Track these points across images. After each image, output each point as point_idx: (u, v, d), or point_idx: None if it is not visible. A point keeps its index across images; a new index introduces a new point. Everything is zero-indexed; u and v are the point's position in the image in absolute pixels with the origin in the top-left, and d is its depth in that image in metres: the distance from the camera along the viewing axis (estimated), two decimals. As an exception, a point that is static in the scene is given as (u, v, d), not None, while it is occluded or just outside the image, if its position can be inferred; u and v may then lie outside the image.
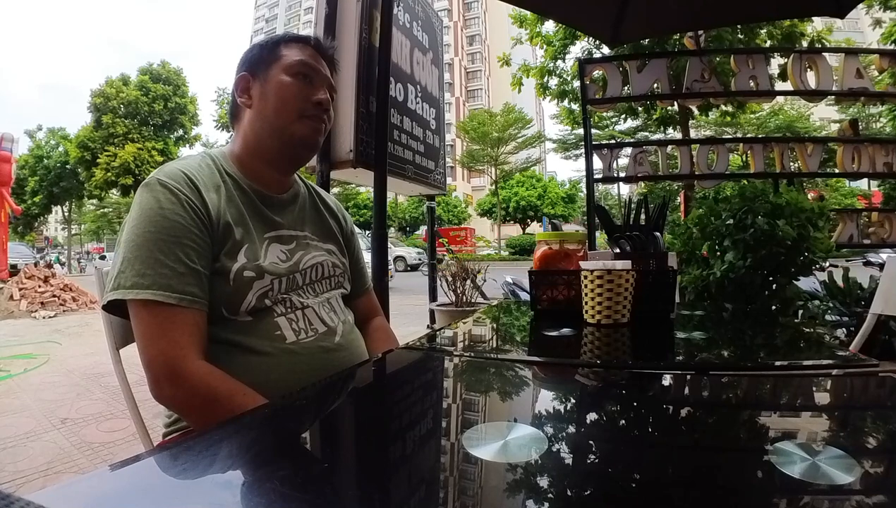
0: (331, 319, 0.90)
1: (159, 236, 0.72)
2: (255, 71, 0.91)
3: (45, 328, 6.16)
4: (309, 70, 0.91)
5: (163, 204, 0.75)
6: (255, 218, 0.87)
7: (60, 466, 2.12)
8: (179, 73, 25.26)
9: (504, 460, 0.38)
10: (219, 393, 0.69)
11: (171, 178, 0.78)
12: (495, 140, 30.57)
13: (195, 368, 0.70)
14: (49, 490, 0.35)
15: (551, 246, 1.16)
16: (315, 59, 0.92)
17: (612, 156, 3.97)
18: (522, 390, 0.65)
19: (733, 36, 6.00)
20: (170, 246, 0.72)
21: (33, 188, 26.87)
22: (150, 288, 0.70)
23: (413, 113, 3.24)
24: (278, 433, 0.50)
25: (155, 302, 0.70)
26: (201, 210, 0.78)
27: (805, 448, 0.38)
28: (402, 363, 0.80)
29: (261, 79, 0.90)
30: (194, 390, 0.69)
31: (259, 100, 0.89)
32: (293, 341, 0.82)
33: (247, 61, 0.92)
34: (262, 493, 0.35)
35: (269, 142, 0.89)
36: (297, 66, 0.90)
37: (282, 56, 0.90)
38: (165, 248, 0.72)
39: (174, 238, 0.73)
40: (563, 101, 7.89)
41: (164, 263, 0.71)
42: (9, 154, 9.34)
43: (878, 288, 1.52)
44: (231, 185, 0.86)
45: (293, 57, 0.90)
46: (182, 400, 0.71)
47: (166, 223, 0.73)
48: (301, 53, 0.91)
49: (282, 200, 0.94)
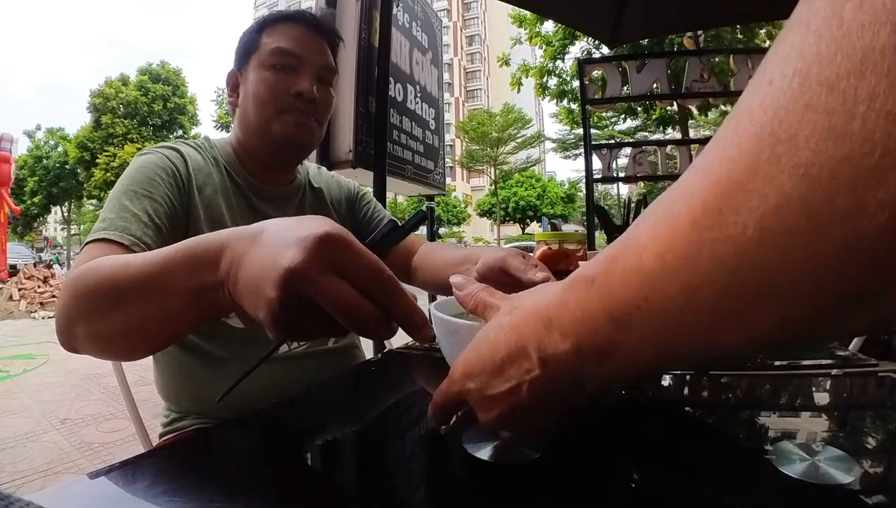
0: None
1: (131, 187, 0.69)
2: (241, 65, 0.85)
3: (45, 328, 6.16)
4: (288, 58, 0.81)
5: (144, 164, 0.73)
6: (245, 210, 0.84)
7: (60, 466, 2.12)
8: (179, 73, 25.27)
9: (504, 460, 0.38)
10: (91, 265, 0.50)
11: (161, 147, 0.77)
12: (495, 140, 30.60)
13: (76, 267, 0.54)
14: (48, 490, 0.35)
15: (551, 246, 1.16)
16: (301, 41, 0.82)
17: (611, 156, 3.97)
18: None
19: (732, 36, 6.01)
20: (139, 197, 0.68)
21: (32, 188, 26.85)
22: (106, 230, 0.62)
23: (412, 113, 3.24)
24: (277, 434, 0.50)
25: (106, 241, 0.61)
26: (183, 178, 0.75)
27: (804, 447, 0.38)
28: (401, 363, 0.80)
29: (243, 74, 0.84)
30: (68, 280, 0.52)
31: (242, 99, 0.84)
32: (284, 350, 0.80)
33: (235, 55, 0.87)
34: (262, 494, 0.35)
35: (254, 142, 0.85)
36: (273, 55, 0.80)
37: (260, 45, 0.82)
38: (133, 198, 0.68)
39: (145, 191, 0.69)
40: (562, 101, 7.92)
41: (128, 209, 0.66)
42: (8, 154, 9.35)
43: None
44: (225, 177, 0.83)
45: (270, 45, 0.81)
46: (60, 301, 0.52)
47: (140, 177, 0.71)
48: (283, 37, 0.81)
49: (281, 193, 0.90)
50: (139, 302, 0.45)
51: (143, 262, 0.45)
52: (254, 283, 0.36)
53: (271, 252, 0.35)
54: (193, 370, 0.79)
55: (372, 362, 0.86)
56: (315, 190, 0.97)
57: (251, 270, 0.37)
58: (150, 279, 0.44)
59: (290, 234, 0.35)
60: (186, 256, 0.42)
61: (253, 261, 0.37)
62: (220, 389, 0.45)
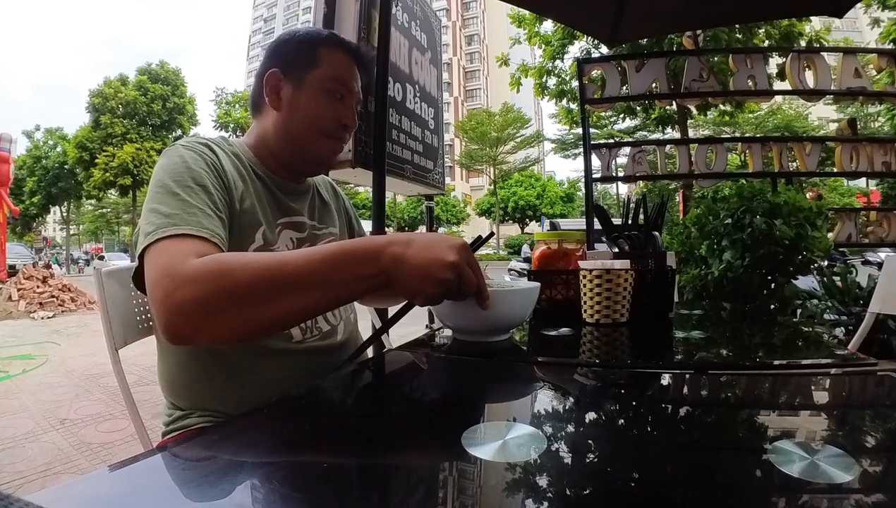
0: (333, 317, 0.90)
1: (185, 184, 0.70)
2: (289, 71, 0.86)
3: (44, 328, 6.15)
4: (342, 88, 0.87)
5: (186, 159, 0.73)
6: (271, 201, 0.86)
7: (59, 467, 2.12)
8: (178, 73, 25.26)
9: (503, 459, 0.38)
10: (229, 261, 0.59)
11: (192, 142, 0.78)
12: (494, 140, 30.61)
13: (194, 262, 0.59)
14: (48, 490, 0.35)
15: (550, 245, 1.16)
16: (352, 72, 0.89)
17: (610, 155, 3.97)
18: (521, 389, 0.65)
19: (731, 35, 6.01)
20: (196, 192, 0.70)
21: (31, 188, 26.84)
22: (178, 226, 0.64)
23: (412, 113, 3.24)
24: (277, 433, 0.50)
25: (186, 237, 0.63)
26: (222, 172, 0.77)
27: (804, 446, 0.38)
28: (400, 363, 0.80)
29: (293, 82, 0.85)
30: (198, 274, 0.57)
31: (288, 107, 0.85)
32: (299, 340, 0.83)
33: (280, 56, 0.87)
34: (262, 493, 0.35)
35: (287, 150, 0.88)
36: (334, 82, 0.86)
37: (320, 64, 0.85)
38: (191, 193, 0.69)
39: (200, 185, 0.71)
40: (561, 101, 7.91)
41: (191, 204, 0.67)
42: (7, 154, 9.33)
43: (877, 288, 1.52)
44: (249, 171, 0.85)
45: (332, 70, 0.86)
46: (191, 294, 0.56)
47: (192, 173, 0.72)
48: (340, 66, 0.87)
49: (298, 189, 0.94)
50: (306, 292, 0.59)
51: (303, 259, 0.59)
52: (423, 271, 0.59)
53: (434, 253, 0.59)
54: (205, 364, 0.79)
55: (372, 361, 0.86)
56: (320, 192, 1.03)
57: (418, 262, 0.59)
58: (315, 272, 0.59)
59: (445, 243, 0.61)
60: (349, 254, 0.60)
61: (418, 257, 0.59)
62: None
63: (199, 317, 0.57)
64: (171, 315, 0.56)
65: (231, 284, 0.57)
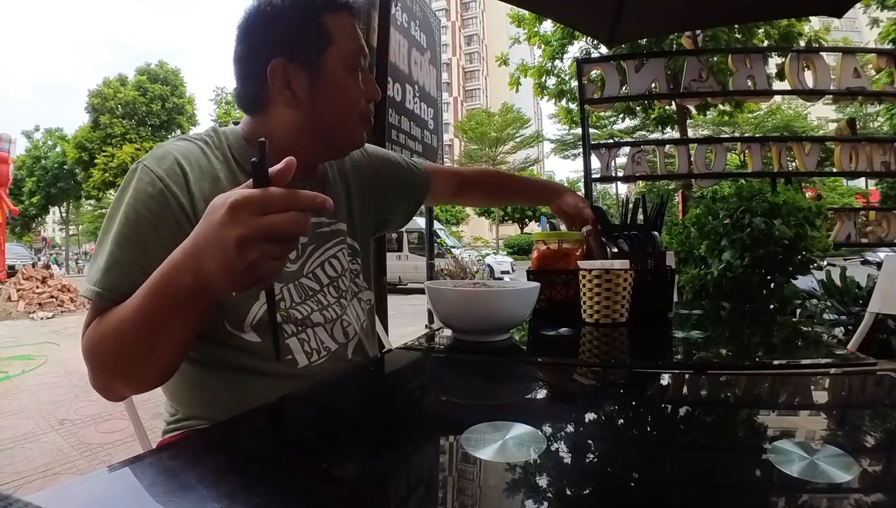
0: (343, 335, 0.82)
1: (122, 231, 0.66)
2: (296, 56, 0.70)
3: (43, 329, 6.15)
4: (363, 59, 0.74)
5: (139, 196, 0.67)
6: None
7: (59, 467, 2.12)
8: (177, 73, 25.25)
9: (503, 459, 0.38)
10: (91, 338, 0.62)
11: (158, 166, 0.69)
12: (493, 140, 30.61)
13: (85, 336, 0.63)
14: (48, 491, 0.35)
15: (549, 245, 1.16)
16: (360, 35, 0.76)
17: (610, 155, 3.97)
18: (521, 389, 0.65)
19: (731, 35, 6.02)
20: (130, 243, 0.65)
21: (31, 189, 26.82)
22: (97, 286, 0.64)
23: (411, 113, 3.24)
24: (277, 433, 0.50)
25: (101, 293, 0.64)
26: (184, 204, 0.68)
27: (803, 446, 0.38)
28: (399, 363, 0.80)
29: (309, 69, 0.71)
30: (84, 351, 0.62)
31: (310, 100, 0.72)
32: (305, 365, 0.76)
33: (279, 41, 0.70)
34: (262, 493, 0.35)
35: (315, 147, 0.76)
36: (355, 56, 0.73)
37: (334, 39, 0.71)
38: (125, 245, 0.65)
39: (137, 236, 0.65)
40: (560, 101, 7.91)
41: (119, 262, 0.64)
42: (6, 154, 9.33)
43: (876, 287, 1.53)
44: (237, 174, 0.74)
45: (348, 43, 0.72)
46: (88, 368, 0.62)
47: (133, 216, 0.66)
48: (353, 33, 0.74)
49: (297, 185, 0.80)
50: (161, 332, 0.57)
51: (136, 305, 0.57)
52: (220, 267, 0.50)
53: (212, 238, 0.50)
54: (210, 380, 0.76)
55: (372, 362, 0.86)
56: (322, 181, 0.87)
57: (212, 262, 0.50)
58: (152, 312, 0.56)
59: (215, 217, 0.49)
60: (160, 282, 0.55)
61: (206, 255, 0.51)
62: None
63: (101, 386, 0.63)
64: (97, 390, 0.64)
65: (99, 363, 0.62)
